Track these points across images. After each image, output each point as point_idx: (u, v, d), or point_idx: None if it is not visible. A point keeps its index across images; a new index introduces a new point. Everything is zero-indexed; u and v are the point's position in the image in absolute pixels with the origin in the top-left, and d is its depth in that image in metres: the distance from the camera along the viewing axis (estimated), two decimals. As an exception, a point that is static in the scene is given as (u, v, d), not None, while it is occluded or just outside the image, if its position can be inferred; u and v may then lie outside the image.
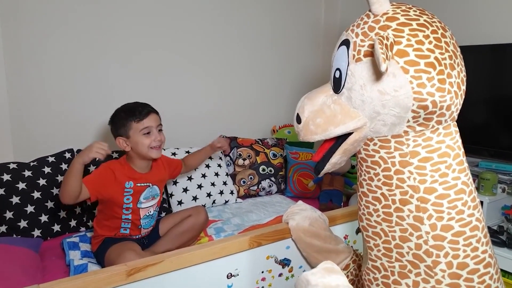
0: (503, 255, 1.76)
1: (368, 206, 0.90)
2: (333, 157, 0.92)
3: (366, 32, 0.81)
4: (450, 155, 0.82)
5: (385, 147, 0.84)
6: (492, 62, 2.12)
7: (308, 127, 0.91)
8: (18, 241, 1.62)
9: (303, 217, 1.33)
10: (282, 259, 1.39)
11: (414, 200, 0.82)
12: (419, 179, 0.81)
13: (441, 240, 0.81)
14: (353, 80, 0.82)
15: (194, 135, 2.57)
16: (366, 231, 0.93)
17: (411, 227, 0.83)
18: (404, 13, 0.79)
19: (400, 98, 0.77)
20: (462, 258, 0.81)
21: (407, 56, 0.76)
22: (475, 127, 2.18)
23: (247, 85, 2.82)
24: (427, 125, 0.81)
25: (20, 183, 1.78)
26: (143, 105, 1.67)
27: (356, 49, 0.81)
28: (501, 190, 2.02)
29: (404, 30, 0.77)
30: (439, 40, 0.78)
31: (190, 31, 2.50)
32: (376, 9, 0.81)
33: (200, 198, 2.22)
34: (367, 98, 0.80)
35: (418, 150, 0.82)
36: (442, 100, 0.78)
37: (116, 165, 1.64)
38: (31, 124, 2.08)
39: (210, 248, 1.21)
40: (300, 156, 2.61)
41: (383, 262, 0.90)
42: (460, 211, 0.81)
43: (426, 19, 0.79)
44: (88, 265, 1.54)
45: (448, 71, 0.78)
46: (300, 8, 2.96)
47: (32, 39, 2.02)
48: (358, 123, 0.84)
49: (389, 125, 0.81)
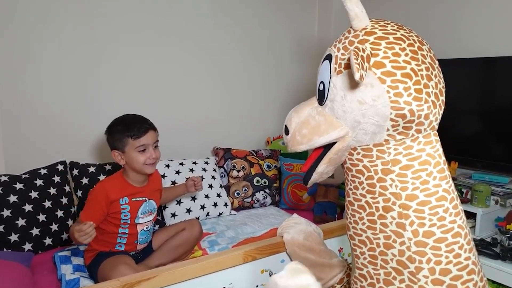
0: (497, 267, 1.76)
1: (354, 215, 0.92)
2: (319, 166, 0.95)
3: (347, 46, 0.85)
4: (431, 163, 0.84)
5: (368, 156, 0.87)
6: (484, 75, 2.15)
7: (295, 137, 0.95)
8: (8, 255, 1.60)
9: (298, 231, 1.33)
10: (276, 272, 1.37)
11: (396, 207, 0.84)
12: (400, 186, 0.83)
13: (423, 246, 0.82)
14: (335, 92, 0.86)
15: (188, 146, 2.57)
16: (353, 240, 0.94)
17: (394, 233, 0.85)
18: (382, 28, 0.83)
19: (378, 107, 0.80)
20: (445, 264, 0.82)
21: (384, 67, 0.79)
22: (468, 139, 2.20)
23: (242, 96, 2.83)
24: (406, 133, 0.83)
25: (11, 195, 1.76)
26: (142, 121, 1.64)
27: (338, 62, 0.86)
28: (494, 202, 2.03)
29: (381, 43, 0.81)
30: (415, 53, 0.81)
31: (185, 42, 2.52)
32: (356, 25, 0.85)
33: (193, 211, 2.21)
34: (348, 108, 0.84)
35: (399, 158, 0.84)
36: (420, 109, 0.80)
37: (109, 184, 1.63)
38: (23, 136, 2.06)
39: (204, 262, 1.21)
40: (295, 167, 2.61)
41: (369, 269, 0.92)
42: (442, 217, 0.83)
43: (403, 33, 0.83)
44: (81, 280, 1.52)
45: (425, 81, 0.81)
46: (294, 22, 3.00)
47: (25, 50, 2.03)
48: (341, 132, 0.88)
49: (370, 133, 0.84)
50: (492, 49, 2.13)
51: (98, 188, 1.61)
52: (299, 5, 2.99)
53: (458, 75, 2.19)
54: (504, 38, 2.11)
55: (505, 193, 2.02)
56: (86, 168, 2.01)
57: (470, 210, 1.95)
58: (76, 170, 1.99)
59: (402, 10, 2.59)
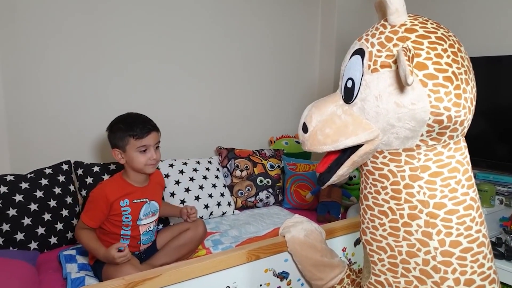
0: (502, 267, 1.76)
1: (373, 220, 0.88)
2: (340, 168, 0.89)
3: (383, 42, 0.79)
4: (460, 171, 0.81)
5: (395, 161, 0.83)
6: (488, 74, 2.14)
7: (315, 137, 0.87)
8: (14, 254, 1.60)
9: (299, 229, 1.33)
10: (280, 272, 1.38)
11: (423, 215, 0.81)
12: (429, 194, 0.80)
13: (450, 256, 0.80)
14: (368, 91, 0.80)
15: (191, 146, 2.57)
16: (370, 245, 0.91)
17: (419, 242, 0.82)
18: (422, 25, 0.78)
19: (416, 112, 0.75)
20: (469, 274, 0.80)
21: (426, 69, 0.75)
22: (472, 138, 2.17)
23: (245, 96, 2.83)
24: (439, 139, 0.80)
25: (17, 195, 1.76)
26: (145, 122, 1.62)
27: (372, 59, 0.79)
28: (499, 202, 2.02)
29: (424, 42, 0.76)
30: (456, 55, 0.77)
31: (187, 41, 2.51)
32: (394, 20, 0.79)
33: (197, 210, 2.21)
34: (382, 109, 0.78)
35: (429, 164, 0.80)
36: (457, 115, 0.77)
37: (108, 185, 1.61)
38: (28, 136, 2.06)
39: (208, 261, 1.21)
40: (298, 167, 2.61)
41: (388, 277, 0.89)
42: (469, 227, 0.80)
43: (443, 32, 0.79)
44: (86, 279, 1.52)
45: (464, 86, 0.77)
46: (297, 21, 2.98)
47: (28, 50, 2.01)
48: (371, 135, 0.82)
49: (402, 138, 0.80)
50: (496, 48, 2.12)
51: (97, 190, 1.59)
52: (302, 4, 2.98)
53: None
54: (509, 37, 2.10)
55: (510, 193, 2.02)
56: (90, 167, 2.02)
57: (474, 210, 1.95)
58: (81, 170, 2.00)
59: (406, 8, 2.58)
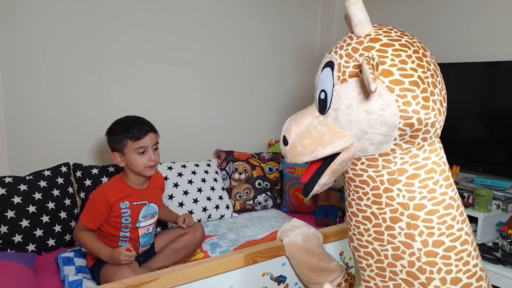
0: (498, 272, 1.76)
1: (358, 226, 0.90)
2: (321, 178, 0.92)
3: (350, 53, 0.82)
4: (437, 171, 0.83)
5: (373, 166, 0.85)
6: (485, 79, 2.15)
7: (295, 148, 0.91)
8: (12, 256, 1.61)
9: (297, 233, 1.34)
10: (277, 276, 1.38)
11: (404, 218, 0.83)
12: (408, 196, 0.82)
13: (434, 256, 0.81)
14: (339, 101, 0.83)
15: (190, 149, 2.58)
16: (358, 252, 0.92)
17: (403, 244, 0.83)
18: (386, 34, 0.81)
19: (386, 117, 0.78)
20: (455, 273, 0.81)
21: (392, 76, 0.78)
22: (469, 143, 2.20)
23: (244, 99, 2.84)
24: (413, 142, 0.82)
25: (15, 197, 1.77)
26: (141, 123, 1.63)
27: (341, 70, 0.83)
28: (495, 207, 2.02)
29: (388, 50, 0.79)
30: (420, 60, 0.80)
31: (187, 45, 2.52)
32: (359, 31, 0.83)
33: (195, 213, 2.22)
34: (354, 117, 0.81)
35: (405, 167, 0.83)
36: (427, 117, 0.79)
37: (108, 187, 1.63)
38: (27, 138, 2.08)
39: (205, 265, 1.21)
40: (296, 170, 2.62)
41: (377, 282, 0.89)
42: (450, 226, 0.82)
43: (407, 39, 0.82)
44: (83, 281, 1.53)
45: (431, 89, 0.80)
46: (297, 26, 3.01)
47: (29, 53, 2.04)
48: (346, 142, 0.85)
49: (376, 143, 0.82)
50: (494, 54, 2.13)
51: (98, 192, 1.60)
52: (302, 10, 3.00)
53: (461, 79, 2.19)
54: (507, 42, 2.11)
55: (507, 198, 2.02)
56: (89, 170, 2.02)
57: (471, 214, 1.95)
58: (80, 172, 2.00)
59: (404, 14, 2.59)
